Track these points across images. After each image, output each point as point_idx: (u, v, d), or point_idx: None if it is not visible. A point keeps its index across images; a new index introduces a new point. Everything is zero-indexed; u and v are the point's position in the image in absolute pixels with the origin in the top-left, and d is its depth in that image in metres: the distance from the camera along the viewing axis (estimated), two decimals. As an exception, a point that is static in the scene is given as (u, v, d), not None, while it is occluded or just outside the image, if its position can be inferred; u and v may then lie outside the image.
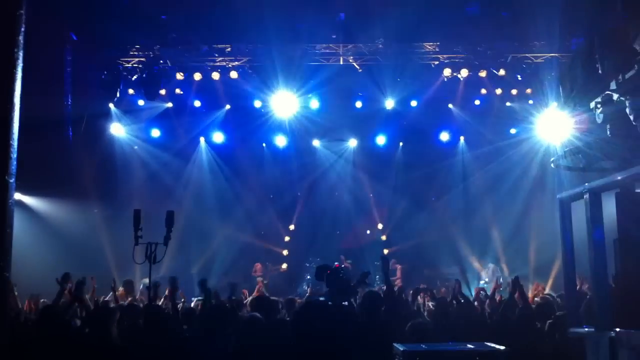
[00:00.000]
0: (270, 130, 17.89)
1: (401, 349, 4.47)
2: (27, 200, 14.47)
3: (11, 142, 2.65)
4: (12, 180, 2.70)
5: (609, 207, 3.47)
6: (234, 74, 16.06)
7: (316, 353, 2.87)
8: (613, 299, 3.31)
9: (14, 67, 2.68)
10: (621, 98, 3.55)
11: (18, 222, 3.64)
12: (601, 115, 3.79)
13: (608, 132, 3.89)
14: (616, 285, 3.54)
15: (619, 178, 3.15)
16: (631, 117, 3.51)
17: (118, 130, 17.20)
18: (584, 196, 3.38)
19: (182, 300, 10.01)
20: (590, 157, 3.99)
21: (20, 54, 2.73)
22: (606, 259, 3.32)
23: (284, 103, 16.77)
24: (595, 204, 3.34)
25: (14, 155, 2.67)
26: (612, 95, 3.60)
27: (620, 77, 3.33)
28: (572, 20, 14.59)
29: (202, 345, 6.14)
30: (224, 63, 16.17)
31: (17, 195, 12.80)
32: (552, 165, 4.32)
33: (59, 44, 15.08)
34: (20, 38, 2.74)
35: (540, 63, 16.03)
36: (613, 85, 3.60)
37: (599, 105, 3.77)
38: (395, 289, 10.09)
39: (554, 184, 15.84)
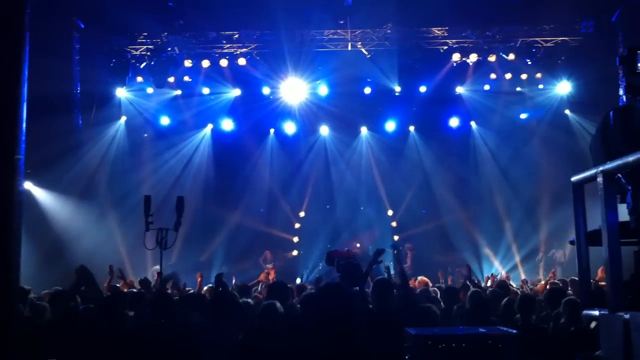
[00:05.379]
0: (279, 117, 17.86)
1: (413, 332, 4.46)
2: (33, 189, 14.44)
3: (20, 123, 2.62)
4: (21, 161, 2.69)
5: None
6: (242, 61, 16.03)
7: (331, 337, 2.85)
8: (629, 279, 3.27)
9: (22, 48, 2.63)
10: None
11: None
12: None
13: None
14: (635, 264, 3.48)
15: (631, 160, 3.07)
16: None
17: (127, 117, 17.23)
18: (598, 179, 3.32)
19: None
20: None
21: (27, 35, 2.68)
22: (620, 242, 3.27)
23: (293, 90, 16.75)
24: (609, 186, 3.28)
25: (23, 137, 2.65)
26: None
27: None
28: (582, 3, 14.45)
29: (211, 331, 6.15)
30: (232, 50, 16.13)
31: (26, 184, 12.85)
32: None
33: (67, 32, 15.09)
34: (26, 19, 2.69)
35: (550, 47, 15.87)
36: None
37: None
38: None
39: (567, 168, 15.74)
